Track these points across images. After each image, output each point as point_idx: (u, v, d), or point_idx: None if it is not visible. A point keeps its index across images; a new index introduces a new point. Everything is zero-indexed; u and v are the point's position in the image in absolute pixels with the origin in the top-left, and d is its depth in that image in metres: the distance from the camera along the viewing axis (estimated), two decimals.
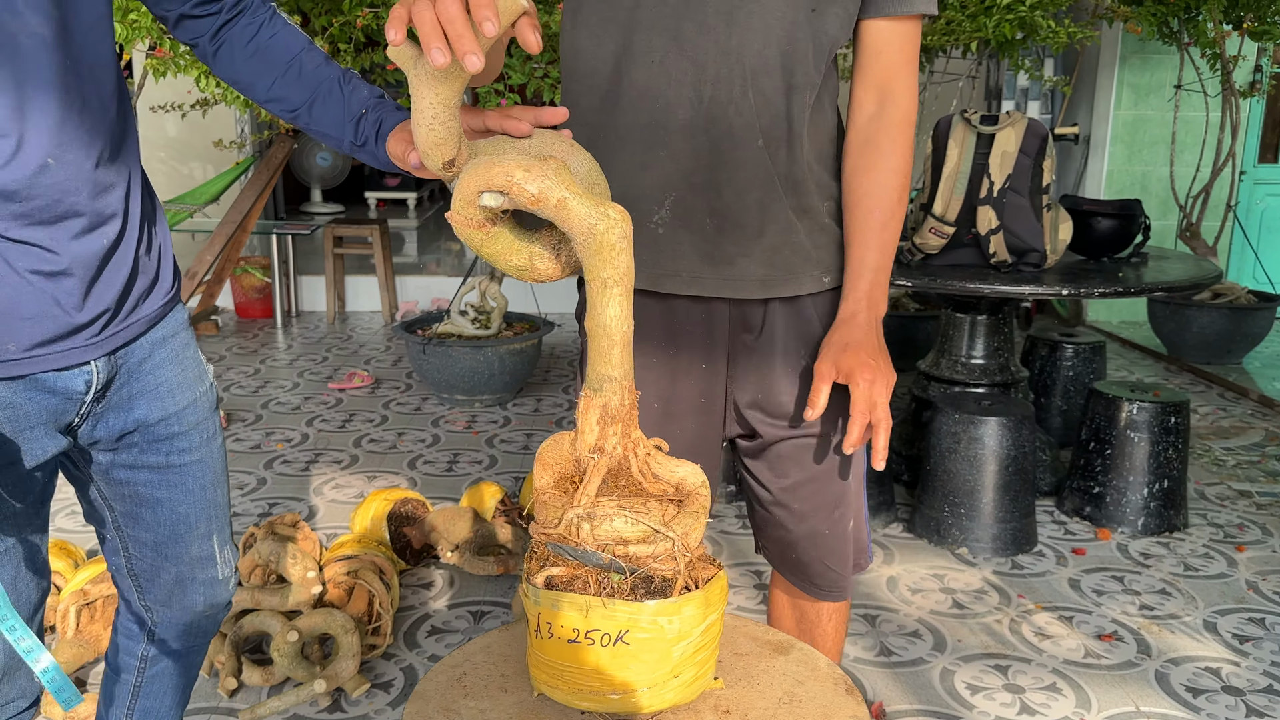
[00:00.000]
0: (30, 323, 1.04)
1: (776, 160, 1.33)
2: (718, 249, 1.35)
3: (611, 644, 0.99)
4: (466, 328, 4.24)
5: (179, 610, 1.36)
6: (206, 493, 1.29)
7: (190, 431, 1.26)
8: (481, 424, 4.02)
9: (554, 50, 3.30)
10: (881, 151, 1.37)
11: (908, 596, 2.64)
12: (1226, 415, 4.22)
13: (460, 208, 0.96)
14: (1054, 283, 2.65)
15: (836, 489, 1.45)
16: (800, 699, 1.09)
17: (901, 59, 1.36)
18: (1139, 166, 5.68)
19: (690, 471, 1.06)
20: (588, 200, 0.95)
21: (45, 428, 1.10)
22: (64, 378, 1.09)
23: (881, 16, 1.33)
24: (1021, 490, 2.88)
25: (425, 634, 2.42)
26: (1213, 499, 3.32)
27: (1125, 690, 2.23)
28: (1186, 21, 4.58)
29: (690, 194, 1.33)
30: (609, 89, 1.33)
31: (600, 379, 1.03)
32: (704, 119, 1.30)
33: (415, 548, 2.74)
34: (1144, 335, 5.50)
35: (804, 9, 1.28)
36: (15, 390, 1.06)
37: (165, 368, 1.22)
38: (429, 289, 6.17)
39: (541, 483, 1.06)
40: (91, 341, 1.10)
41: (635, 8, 1.29)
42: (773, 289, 1.37)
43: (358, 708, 2.13)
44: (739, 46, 1.27)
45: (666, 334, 1.41)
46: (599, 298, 0.99)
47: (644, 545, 1.00)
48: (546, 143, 1.09)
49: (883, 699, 2.18)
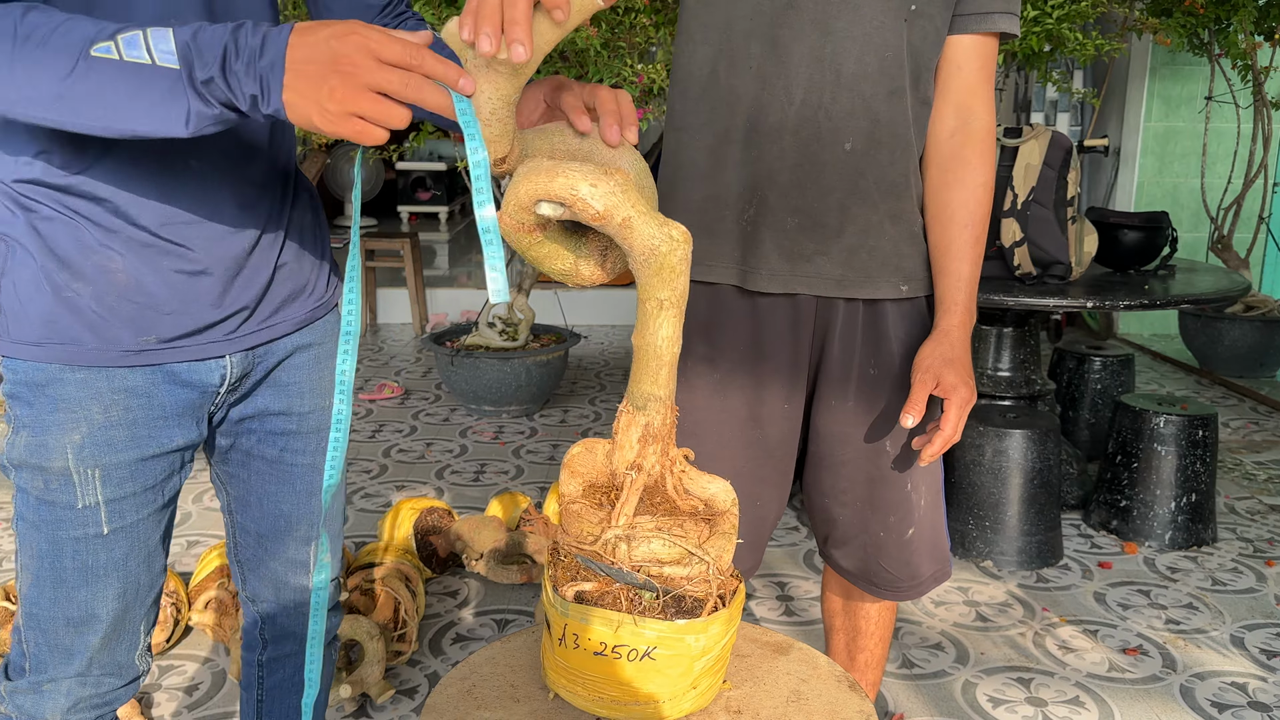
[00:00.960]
0: (170, 317, 1.10)
1: (868, 164, 1.38)
2: (798, 246, 1.40)
3: (638, 659, 0.99)
4: (494, 340, 4.28)
5: (279, 610, 1.39)
6: (313, 499, 1.32)
7: (309, 435, 1.29)
8: (508, 435, 4.05)
9: (580, 64, 3.34)
10: (970, 166, 1.42)
11: (931, 609, 2.64)
12: (1259, 429, 4.17)
13: (514, 211, 0.92)
14: (1079, 295, 2.65)
15: (894, 495, 1.50)
16: (806, 697, 1.11)
17: (982, 76, 1.41)
18: (1170, 178, 5.64)
19: (721, 489, 1.06)
20: (652, 220, 0.92)
21: (179, 418, 1.15)
22: (199, 370, 1.15)
23: (966, 33, 1.39)
24: (1047, 503, 2.87)
25: (450, 641, 2.45)
26: (1243, 513, 3.29)
27: (1149, 704, 2.22)
28: (1217, 33, 4.55)
29: (776, 193, 1.39)
30: (706, 93, 1.41)
31: (645, 397, 1.02)
32: (793, 121, 1.36)
33: (441, 556, 2.77)
34: (1175, 348, 5.45)
35: (899, 18, 1.33)
36: (153, 381, 1.12)
37: (301, 370, 1.26)
38: (458, 301, 6.23)
39: (570, 490, 1.05)
40: (228, 337, 1.16)
41: (733, 16, 1.36)
42: (848, 289, 1.41)
43: (383, 713, 2.16)
44: (833, 54, 1.33)
45: (754, 339, 1.46)
46: (653, 317, 0.97)
47: (678, 566, 1.00)
48: (598, 144, 1.03)
49: (904, 710, 2.19)
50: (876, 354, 1.45)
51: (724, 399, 1.47)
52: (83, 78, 0.88)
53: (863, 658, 1.75)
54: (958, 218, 1.42)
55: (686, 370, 1.49)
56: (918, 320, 1.48)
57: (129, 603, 1.16)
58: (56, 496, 1.09)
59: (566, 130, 1.02)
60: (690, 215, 1.45)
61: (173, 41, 0.89)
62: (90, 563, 1.12)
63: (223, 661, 2.34)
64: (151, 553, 1.18)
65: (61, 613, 1.12)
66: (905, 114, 1.37)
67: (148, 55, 0.88)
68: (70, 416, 1.08)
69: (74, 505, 1.10)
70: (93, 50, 0.88)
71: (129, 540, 1.14)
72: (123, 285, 1.07)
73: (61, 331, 1.07)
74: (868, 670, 1.76)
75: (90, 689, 1.17)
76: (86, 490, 1.10)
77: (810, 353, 1.47)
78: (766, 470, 1.51)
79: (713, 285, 1.47)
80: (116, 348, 1.09)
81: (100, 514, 1.11)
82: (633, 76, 3.26)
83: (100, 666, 1.17)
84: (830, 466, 1.51)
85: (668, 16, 3.56)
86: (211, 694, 2.22)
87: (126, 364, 1.10)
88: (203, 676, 2.28)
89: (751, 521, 1.53)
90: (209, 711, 2.15)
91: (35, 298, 1.06)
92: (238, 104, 0.89)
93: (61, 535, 1.10)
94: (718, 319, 1.47)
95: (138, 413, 1.11)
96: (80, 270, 1.06)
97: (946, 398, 1.36)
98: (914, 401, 1.36)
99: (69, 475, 1.09)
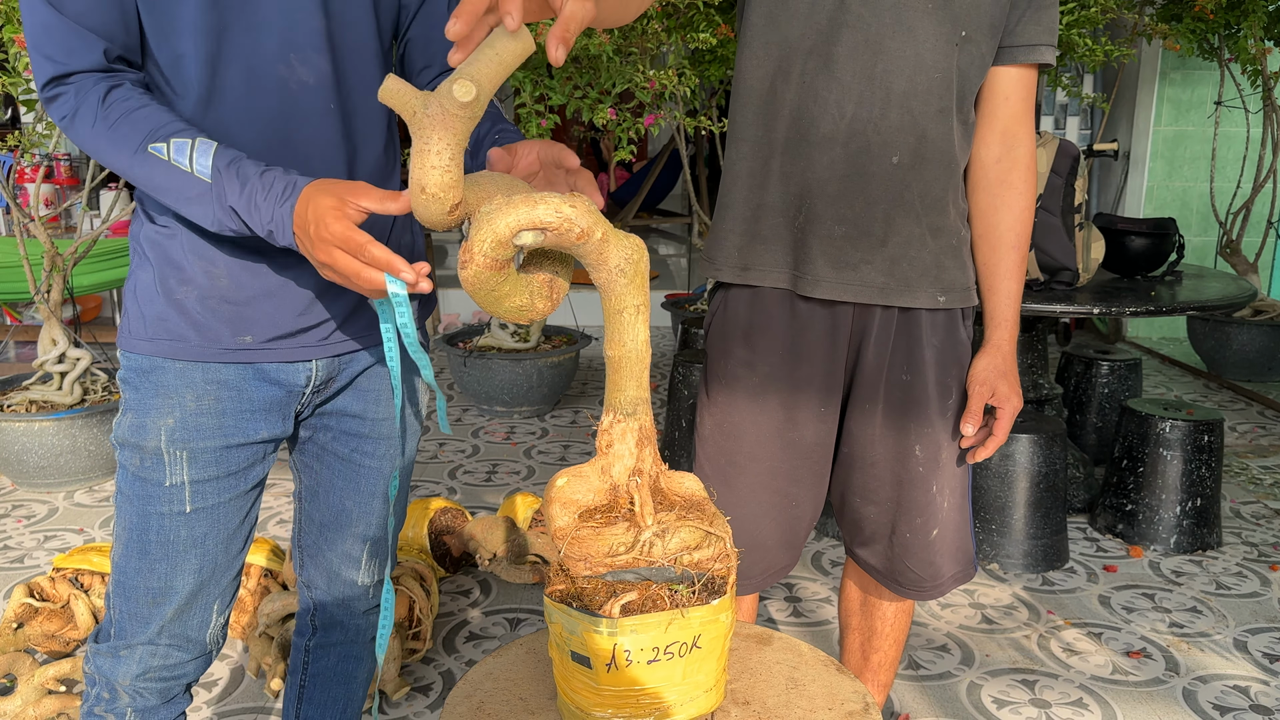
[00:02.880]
0: (264, 321, 1.22)
1: (913, 178, 1.44)
2: (844, 255, 1.46)
3: (688, 652, 1.01)
4: (506, 341, 4.33)
5: (330, 600, 1.47)
6: (375, 501, 1.40)
7: (380, 440, 1.38)
8: (520, 435, 4.09)
9: (593, 70, 3.37)
10: (1016, 190, 1.51)
11: (937, 611, 2.67)
12: (1265, 433, 4.19)
13: (490, 248, 0.91)
14: (1087, 301, 2.67)
15: (920, 497, 1.55)
16: (802, 683, 1.15)
17: (1026, 105, 1.50)
18: (1179, 183, 5.65)
19: (692, 481, 1.10)
20: (619, 233, 0.97)
21: (265, 413, 1.26)
22: (287, 371, 1.26)
23: (1014, 64, 1.47)
24: (1053, 507, 2.90)
25: (463, 639, 2.49)
26: (1248, 517, 3.31)
27: (1152, 707, 2.25)
28: (1227, 38, 4.57)
29: (824, 203, 1.45)
30: (763, 105, 1.48)
31: (633, 403, 1.04)
32: (843, 134, 1.43)
33: (454, 556, 2.82)
34: (1184, 352, 5.46)
35: (950, 43, 1.40)
36: (244, 377, 1.24)
37: (382, 379, 1.36)
38: (470, 302, 6.27)
39: (563, 522, 1.04)
40: (319, 344, 1.27)
41: (790, 34, 1.43)
42: (889, 297, 1.48)
43: (398, 710, 2.20)
44: (885, 73, 1.40)
45: (793, 343, 1.52)
46: (631, 324, 1.00)
47: (702, 550, 1.03)
48: (518, 182, 1.06)
49: (910, 711, 2.22)
50: (909, 361, 1.51)
51: (762, 401, 1.53)
52: (140, 164, 1.09)
53: (876, 658, 1.78)
54: (1005, 239, 1.51)
55: (726, 372, 1.55)
56: (951, 330, 1.54)
57: (204, 580, 1.26)
58: (149, 474, 1.21)
59: (495, 176, 1.04)
60: (742, 222, 1.52)
61: (211, 160, 1.08)
62: (172, 538, 1.22)
63: (241, 658, 2.39)
64: (230, 535, 1.27)
65: (143, 582, 1.23)
66: (950, 133, 1.44)
67: (189, 164, 1.08)
68: (167, 402, 1.21)
69: (162, 483, 1.21)
70: (149, 146, 1.08)
71: (209, 520, 1.24)
72: (224, 289, 1.20)
73: (170, 330, 1.20)
74: (880, 671, 1.80)
75: (160, 659, 1.26)
76: (175, 470, 1.21)
77: (846, 358, 1.53)
78: (802, 471, 1.56)
79: (755, 290, 1.53)
80: (216, 345, 1.21)
81: (185, 493, 1.22)
82: (644, 82, 3.29)
83: (170, 637, 1.26)
84: (860, 467, 1.57)
85: (678, 21, 3.59)
86: (230, 690, 2.26)
87: (223, 360, 1.22)
88: (221, 673, 2.33)
89: (787, 521, 1.58)
90: (228, 707, 2.19)
91: (152, 300, 1.21)
92: (254, 231, 1.08)
93: (149, 510, 1.22)
94: (759, 323, 1.53)
95: (227, 404, 1.23)
96: (189, 275, 1.19)
97: (1000, 407, 1.50)
98: (972, 412, 1.51)
99: (160, 455, 1.21)
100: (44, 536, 3.05)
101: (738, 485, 1.56)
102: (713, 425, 1.58)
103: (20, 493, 3.39)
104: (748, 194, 1.51)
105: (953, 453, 1.57)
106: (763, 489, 1.56)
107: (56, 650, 2.34)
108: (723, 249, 1.54)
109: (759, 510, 1.57)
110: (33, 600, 2.34)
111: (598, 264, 0.97)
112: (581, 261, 0.98)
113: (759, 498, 1.56)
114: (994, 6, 1.42)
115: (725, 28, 3.65)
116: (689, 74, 3.47)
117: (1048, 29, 1.45)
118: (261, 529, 3.12)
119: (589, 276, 1.01)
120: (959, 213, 1.51)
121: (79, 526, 3.12)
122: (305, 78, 1.17)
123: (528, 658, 1.21)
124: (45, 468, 3.33)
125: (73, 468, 3.37)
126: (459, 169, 0.92)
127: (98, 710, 1.28)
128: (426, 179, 0.91)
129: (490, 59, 0.90)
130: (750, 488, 1.56)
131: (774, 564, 1.61)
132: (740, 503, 1.57)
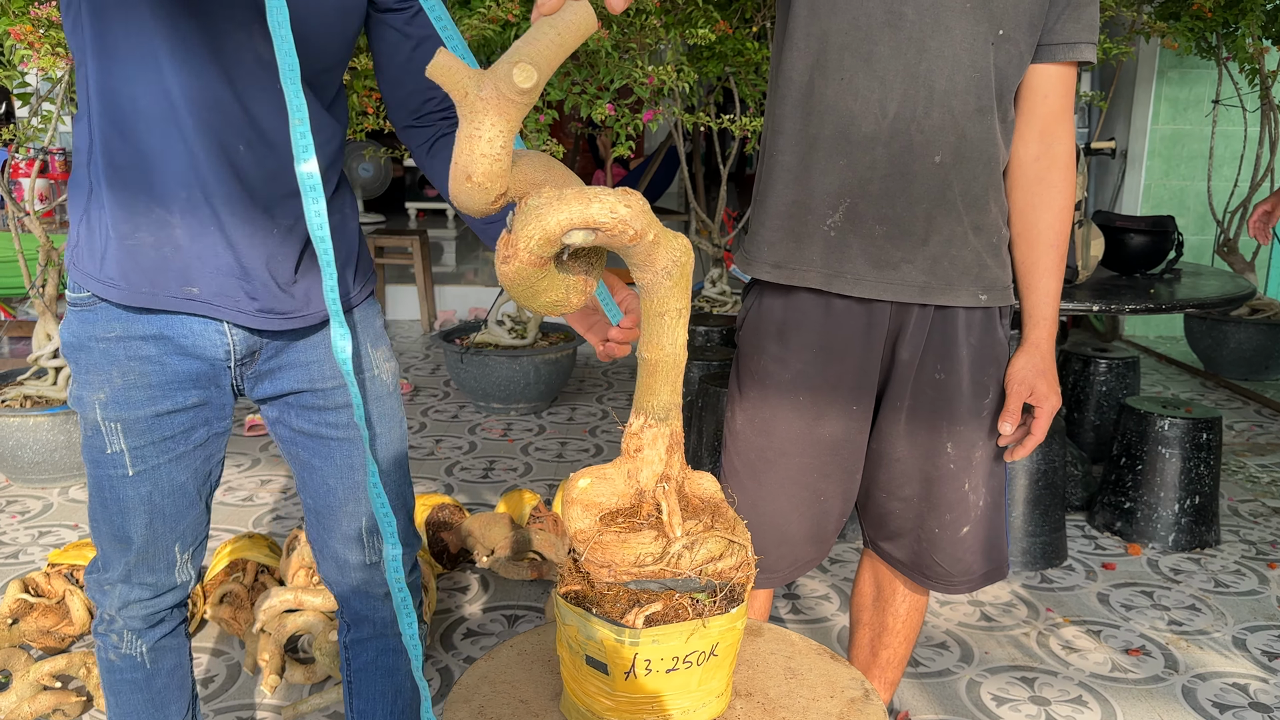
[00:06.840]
0: (201, 277, 1.24)
1: (955, 177, 1.43)
2: (884, 254, 1.45)
3: (705, 660, 1.00)
4: (503, 337, 4.31)
5: (349, 593, 1.48)
6: (355, 473, 1.40)
7: (339, 410, 1.38)
8: (517, 432, 4.09)
9: (591, 66, 3.36)
10: (1055, 189, 1.49)
11: (936, 608, 2.67)
12: (1263, 431, 4.19)
13: (537, 246, 0.86)
14: (1085, 298, 2.67)
15: (952, 494, 1.55)
16: (800, 672, 1.14)
17: (1065, 103, 1.48)
18: (1177, 181, 5.65)
19: (710, 482, 1.08)
20: (670, 233, 0.93)
21: (192, 382, 1.29)
22: (202, 343, 1.27)
23: (1053, 62, 1.45)
24: (1051, 505, 2.90)
25: (461, 636, 2.48)
26: (1246, 515, 3.31)
27: (1151, 704, 2.24)
28: (1225, 36, 4.57)
29: (864, 201, 1.44)
30: (802, 100, 1.46)
31: (666, 408, 1.01)
32: (885, 133, 1.41)
33: (452, 552, 2.81)
34: (1181, 350, 5.47)
35: (987, 41, 1.39)
36: (165, 352, 1.26)
37: (320, 349, 1.36)
38: (467, 298, 6.26)
39: (584, 525, 1.01)
40: (233, 310, 1.27)
41: (830, 28, 1.41)
42: (930, 295, 1.46)
43: None
44: (927, 71, 1.38)
45: (827, 341, 1.51)
46: (671, 327, 0.96)
47: (725, 560, 1.01)
48: (549, 163, 0.98)
49: (909, 708, 2.22)
50: (945, 359, 1.50)
51: (794, 398, 1.52)
52: None
53: (885, 655, 1.78)
54: (1044, 238, 1.50)
55: (759, 369, 1.55)
56: (989, 329, 1.53)
57: (157, 530, 1.33)
58: (94, 442, 1.29)
59: (535, 156, 0.98)
60: (779, 219, 1.50)
61: None
62: (120, 496, 1.31)
63: (237, 655, 2.37)
64: (177, 489, 1.33)
65: (107, 530, 1.33)
66: (991, 130, 1.43)
67: None
68: (96, 378, 1.27)
69: (104, 450, 1.29)
70: None
71: (152, 480, 1.31)
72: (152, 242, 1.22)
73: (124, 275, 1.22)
74: (888, 669, 1.79)
75: (136, 594, 1.36)
76: (112, 439, 1.28)
77: (882, 356, 1.52)
78: (832, 468, 1.56)
79: (790, 288, 1.52)
80: (164, 293, 1.23)
81: (125, 459, 1.29)
82: (643, 78, 3.28)
83: (138, 576, 1.36)
84: (887, 463, 1.57)
85: (677, 17, 3.58)
86: (226, 686, 2.25)
87: (168, 309, 1.24)
88: (217, 669, 2.32)
89: (816, 516, 1.58)
90: (224, 704, 2.18)
91: (108, 241, 1.23)
92: None
93: (100, 473, 1.31)
94: (793, 320, 1.52)
95: (152, 377, 1.27)
96: (140, 222, 1.22)
97: (1038, 405, 1.50)
98: (1010, 410, 1.51)
99: (99, 426, 1.28)
100: (38, 532, 3.04)
101: (767, 480, 1.56)
102: (744, 420, 1.58)
103: (15, 488, 3.38)
104: (784, 190, 1.49)
105: (988, 451, 1.56)
106: (792, 484, 1.56)
107: (51, 646, 2.33)
108: (758, 246, 1.53)
109: (788, 505, 1.57)
110: (27, 596, 2.32)
111: (645, 265, 0.93)
112: (626, 261, 0.94)
113: (788, 492, 1.56)
114: (1033, 4, 1.40)
115: (724, 24, 3.65)
116: (687, 70, 3.45)
117: (1088, 26, 1.43)
118: (259, 526, 3.11)
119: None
120: (1000, 210, 1.49)
121: (74, 522, 3.11)
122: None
123: (520, 659, 1.19)
124: (40, 463, 3.32)
125: (67, 463, 3.36)
126: (509, 158, 0.86)
127: (100, 629, 1.40)
128: (474, 167, 0.84)
129: (551, 40, 0.84)
130: (780, 483, 1.56)
131: (801, 558, 1.61)
132: (769, 497, 1.57)
